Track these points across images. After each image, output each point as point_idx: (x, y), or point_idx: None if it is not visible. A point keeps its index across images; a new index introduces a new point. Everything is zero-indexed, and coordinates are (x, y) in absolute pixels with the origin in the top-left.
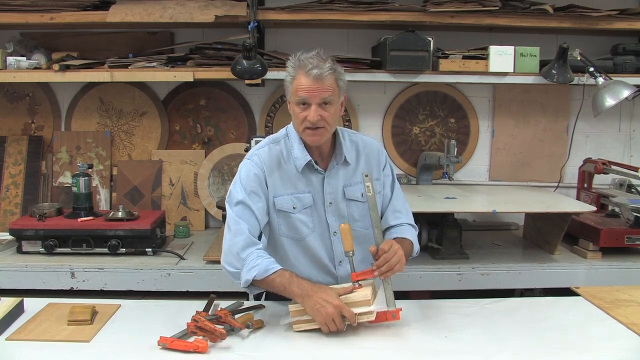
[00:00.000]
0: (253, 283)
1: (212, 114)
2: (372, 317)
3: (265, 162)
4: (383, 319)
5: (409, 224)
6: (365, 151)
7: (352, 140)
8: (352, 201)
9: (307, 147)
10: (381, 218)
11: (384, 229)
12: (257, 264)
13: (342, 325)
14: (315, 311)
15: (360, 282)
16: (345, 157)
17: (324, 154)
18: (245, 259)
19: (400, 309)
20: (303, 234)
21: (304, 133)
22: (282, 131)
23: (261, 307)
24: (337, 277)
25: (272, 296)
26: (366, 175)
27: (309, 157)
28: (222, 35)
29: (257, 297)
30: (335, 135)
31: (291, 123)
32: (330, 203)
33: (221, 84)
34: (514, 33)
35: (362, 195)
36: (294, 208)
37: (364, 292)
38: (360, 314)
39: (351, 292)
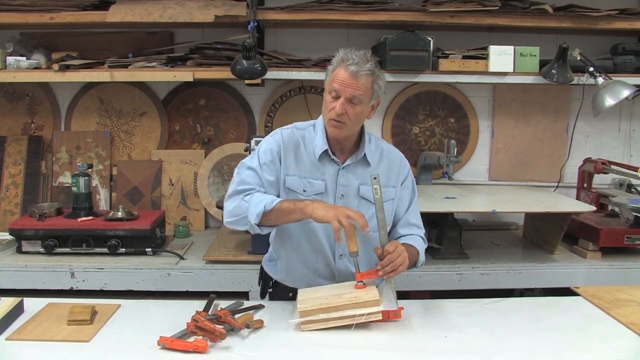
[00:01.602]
0: (263, 218)
1: (212, 114)
2: (379, 317)
3: (285, 140)
4: (385, 318)
5: (420, 236)
6: (388, 157)
7: (377, 145)
8: (365, 200)
9: (329, 139)
10: (392, 227)
11: (394, 238)
12: (263, 198)
13: (351, 225)
14: (328, 209)
15: (364, 282)
16: (365, 154)
17: (345, 149)
18: (249, 200)
19: (402, 308)
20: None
21: (328, 123)
22: (311, 121)
23: (261, 307)
24: (335, 270)
25: (275, 296)
26: (374, 178)
27: (326, 146)
28: (222, 35)
29: (263, 292)
30: (361, 134)
31: (320, 116)
32: (342, 195)
33: (221, 84)
34: (513, 33)
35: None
36: (304, 190)
37: (373, 293)
38: (368, 314)
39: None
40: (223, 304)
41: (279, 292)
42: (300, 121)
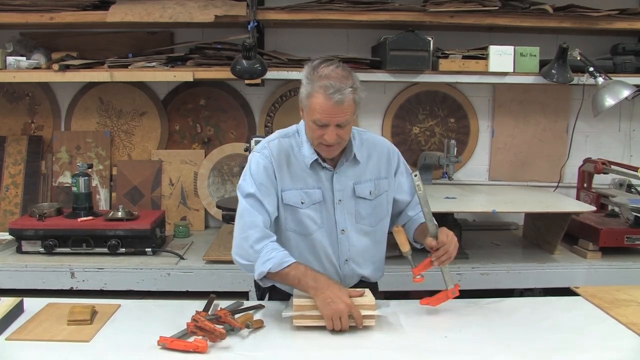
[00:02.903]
0: (267, 276)
1: (212, 114)
2: (372, 323)
3: (275, 155)
4: (444, 299)
5: None
6: (376, 150)
7: (362, 139)
8: (361, 199)
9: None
10: (400, 213)
11: (404, 221)
12: (272, 257)
13: (347, 324)
14: (326, 305)
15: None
16: (355, 154)
17: None
18: (260, 251)
19: (459, 285)
20: (310, 230)
21: (318, 147)
22: (293, 127)
23: (261, 307)
24: (341, 276)
25: (274, 296)
26: (415, 175)
27: (315, 156)
28: (222, 35)
29: (261, 297)
30: None
31: (302, 122)
32: (340, 200)
33: (221, 84)
34: (513, 33)
35: (370, 193)
36: (302, 203)
37: (369, 297)
38: (364, 316)
39: (362, 295)
40: (223, 304)
41: (277, 295)
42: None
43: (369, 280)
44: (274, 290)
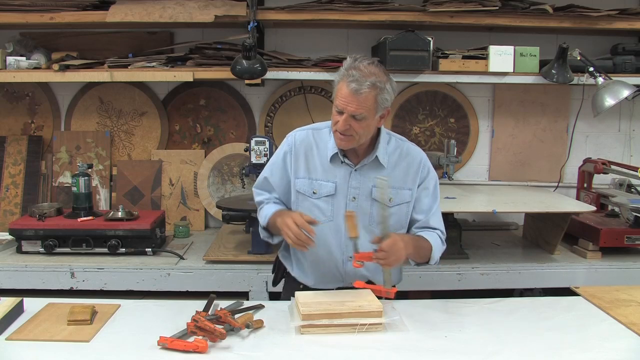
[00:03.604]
0: (270, 233)
1: (211, 114)
2: (381, 328)
3: (297, 143)
4: (377, 294)
5: (439, 237)
6: (407, 159)
7: (397, 145)
8: (377, 202)
9: None
10: (409, 228)
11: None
12: (264, 213)
13: (297, 232)
14: (282, 223)
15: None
16: (377, 156)
17: (359, 152)
18: (260, 214)
19: (396, 290)
20: (319, 220)
21: (334, 134)
22: (329, 122)
23: (261, 307)
24: (343, 274)
25: (288, 283)
26: (384, 180)
27: (337, 150)
28: (222, 35)
29: (275, 283)
30: (377, 136)
31: None
32: (354, 198)
33: (221, 84)
34: (513, 33)
35: (389, 200)
36: (313, 193)
37: (377, 303)
38: (370, 324)
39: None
40: (223, 304)
41: (290, 282)
42: (301, 121)
43: (375, 281)
44: (287, 277)
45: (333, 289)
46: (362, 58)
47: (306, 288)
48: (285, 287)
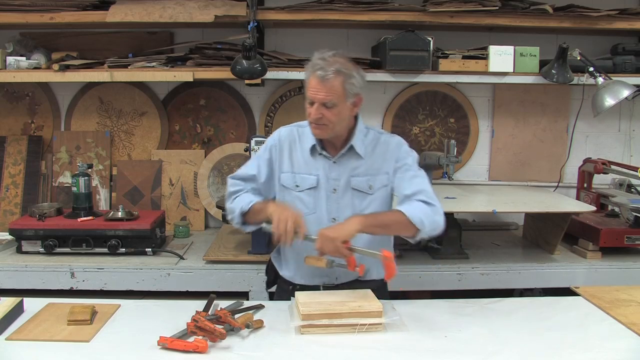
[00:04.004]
0: (245, 221)
1: (211, 114)
2: (381, 328)
3: (282, 138)
4: (345, 262)
5: (422, 201)
6: (383, 146)
7: (375, 137)
8: (357, 191)
9: None
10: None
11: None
12: (242, 200)
13: (290, 231)
14: (279, 210)
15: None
16: (353, 146)
17: (337, 143)
18: (236, 202)
19: (364, 267)
20: (301, 213)
21: (310, 126)
22: None
23: (261, 307)
24: (334, 270)
25: (280, 285)
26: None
27: (313, 142)
28: (222, 35)
29: (269, 286)
30: (354, 127)
31: None
32: (334, 190)
33: (221, 84)
34: (513, 33)
35: (369, 187)
36: (296, 186)
37: (377, 304)
38: (370, 324)
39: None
40: (223, 304)
41: (281, 283)
42: (300, 121)
43: (367, 277)
44: (279, 280)
45: (320, 286)
46: (326, 51)
47: (295, 288)
48: (278, 289)
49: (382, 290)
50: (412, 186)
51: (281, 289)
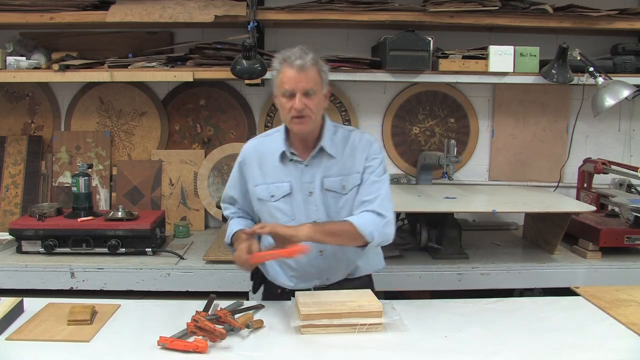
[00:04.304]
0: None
1: (211, 114)
2: (381, 328)
3: (249, 153)
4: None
5: (371, 211)
6: (353, 144)
7: (345, 135)
8: (330, 192)
9: (290, 139)
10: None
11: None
12: (229, 229)
13: (246, 266)
14: (237, 253)
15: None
16: (323, 147)
17: (310, 145)
18: (228, 228)
19: (302, 247)
20: (281, 222)
21: (291, 122)
22: (276, 128)
23: (261, 307)
24: (317, 269)
25: (268, 288)
26: None
27: (283, 148)
28: (222, 35)
29: (254, 290)
30: (323, 125)
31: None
32: (311, 193)
33: (221, 84)
34: (513, 33)
35: (343, 187)
36: (271, 196)
37: (377, 304)
38: (370, 324)
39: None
40: (223, 304)
41: (268, 287)
42: None
43: (356, 274)
44: (265, 284)
45: (311, 289)
46: (287, 49)
47: (284, 291)
48: (264, 293)
49: (368, 287)
50: (369, 192)
51: (268, 292)
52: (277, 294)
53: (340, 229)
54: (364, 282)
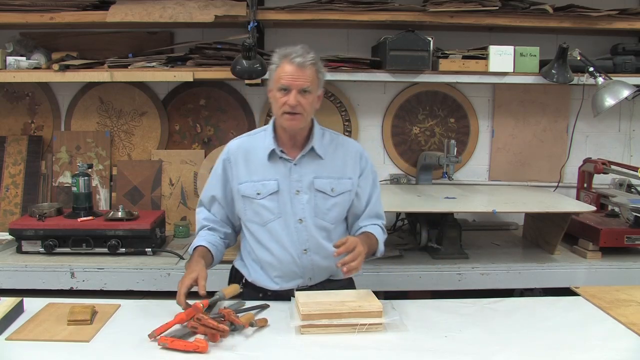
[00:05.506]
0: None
1: (211, 114)
2: (381, 328)
3: (234, 151)
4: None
5: (380, 227)
6: (344, 148)
7: (332, 138)
8: (320, 193)
9: (278, 137)
10: (355, 219)
11: (354, 230)
12: (194, 242)
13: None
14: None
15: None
16: (314, 147)
17: (298, 144)
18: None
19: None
20: (266, 220)
21: (282, 117)
22: (263, 127)
23: (266, 306)
24: (300, 267)
25: (245, 296)
26: None
27: (272, 146)
28: (222, 35)
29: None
30: (311, 128)
31: (273, 118)
32: (298, 191)
33: (221, 84)
34: (513, 33)
35: (331, 190)
36: (257, 194)
37: (377, 304)
38: (370, 324)
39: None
40: (225, 303)
41: (249, 290)
42: None
43: (338, 277)
44: (246, 287)
45: (294, 289)
46: (290, 47)
47: (267, 293)
48: (244, 296)
49: (350, 288)
50: (377, 208)
51: (249, 294)
52: (258, 297)
53: (373, 244)
54: (346, 283)
